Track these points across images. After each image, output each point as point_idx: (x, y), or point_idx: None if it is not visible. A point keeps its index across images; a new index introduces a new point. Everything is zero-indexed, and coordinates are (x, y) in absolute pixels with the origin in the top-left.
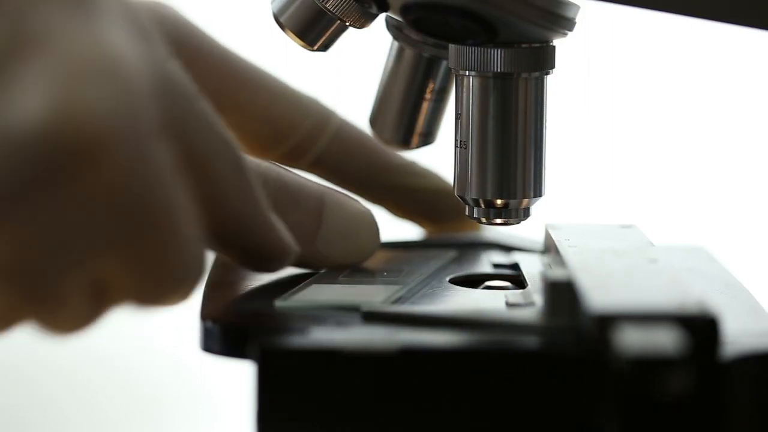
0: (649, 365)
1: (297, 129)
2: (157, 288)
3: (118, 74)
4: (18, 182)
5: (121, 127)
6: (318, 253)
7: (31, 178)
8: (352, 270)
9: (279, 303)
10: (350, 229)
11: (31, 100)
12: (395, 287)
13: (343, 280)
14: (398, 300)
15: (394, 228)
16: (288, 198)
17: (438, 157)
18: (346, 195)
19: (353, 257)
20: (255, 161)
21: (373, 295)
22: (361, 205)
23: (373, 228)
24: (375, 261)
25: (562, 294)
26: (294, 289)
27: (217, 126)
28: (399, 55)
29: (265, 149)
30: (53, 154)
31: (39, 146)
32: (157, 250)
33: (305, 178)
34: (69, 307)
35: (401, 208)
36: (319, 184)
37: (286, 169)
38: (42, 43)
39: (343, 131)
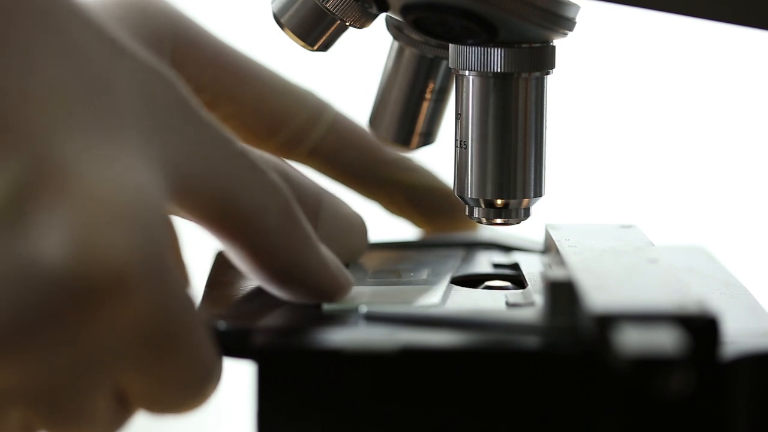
0: (649, 365)
1: (292, 120)
2: (176, 398)
3: (136, 212)
4: (42, 315)
5: (141, 264)
6: None
7: (55, 312)
8: (377, 271)
9: (327, 307)
10: (343, 229)
11: (55, 238)
12: (438, 287)
13: (372, 281)
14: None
15: (393, 229)
16: (291, 192)
17: (438, 157)
18: (339, 197)
19: (343, 256)
20: (259, 153)
21: (422, 296)
22: (353, 208)
23: (364, 231)
24: (390, 260)
25: (562, 294)
26: None
27: (262, 178)
28: (399, 55)
29: (260, 139)
30: (78, 291)
31: (64, 283)
32: (177, 365)
33: (304, 175)
34: (92, 421)
35: (395, 203)
36: (316, 183)
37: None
38: (63, 179)
39: (339, 123)
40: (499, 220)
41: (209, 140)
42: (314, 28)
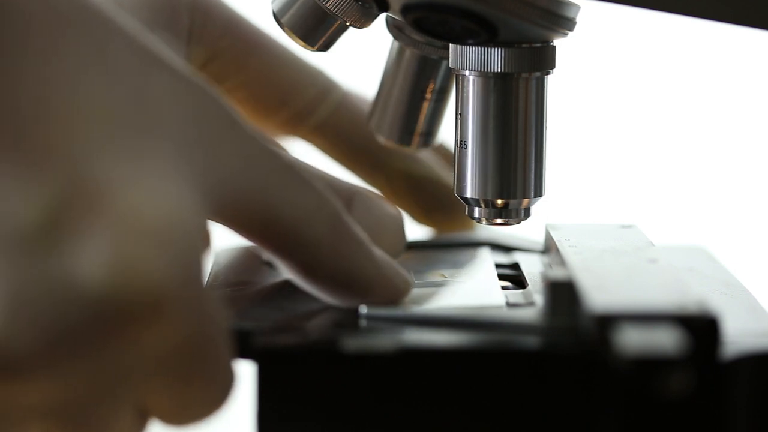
0: (649, 365)
1: (300, 94)
2: (196, 413)
3: (173, 234)
4: (75, 337)
5: (176, 289)
6: None
7: (88, 334)
8: (414, 271)
9: (416, 309)
10: (376, 229)
11: (91, 260)
12: (490, 286)
13: (419, 283)
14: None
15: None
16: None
17: None
18: (377, 195)
19: None
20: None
21: (483, 297)
22: (391, 206)
23: (400, 230)
24: (422, 261)
25: (562, 294)
26: None
27: (309, 191)
28: (399, 55)
29: (267, 112)
30: (112, 314)
31: (98, 305)
32: (203, 384)
33: (336, 177)
34: None
35: (394, 191)
36: (351, 183)
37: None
38: (100, 200)
39: (347, 103)
40: (499, 220)
41: (253, 153)
42: (314, 28)
